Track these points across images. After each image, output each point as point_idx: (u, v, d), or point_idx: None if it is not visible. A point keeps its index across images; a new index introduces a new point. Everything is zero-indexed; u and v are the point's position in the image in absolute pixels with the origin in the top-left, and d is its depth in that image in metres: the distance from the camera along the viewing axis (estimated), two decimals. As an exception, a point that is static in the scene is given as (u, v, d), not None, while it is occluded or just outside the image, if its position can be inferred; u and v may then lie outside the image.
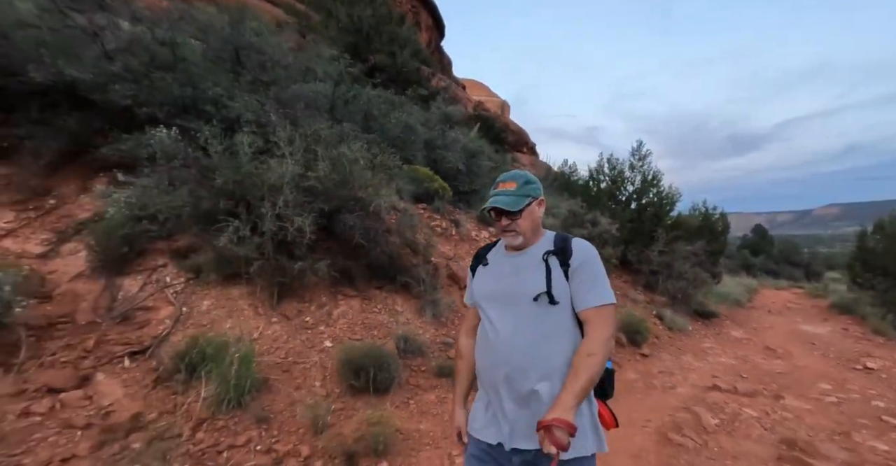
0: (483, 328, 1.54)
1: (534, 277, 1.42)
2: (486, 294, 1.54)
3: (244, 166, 3.58)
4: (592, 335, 1.34)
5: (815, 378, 5.51)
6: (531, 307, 1.40)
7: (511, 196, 1.46)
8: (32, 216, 3.92)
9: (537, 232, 1.54)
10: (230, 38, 5.39)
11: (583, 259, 1.42)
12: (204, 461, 2.31)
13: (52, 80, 3.79)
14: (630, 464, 2.95)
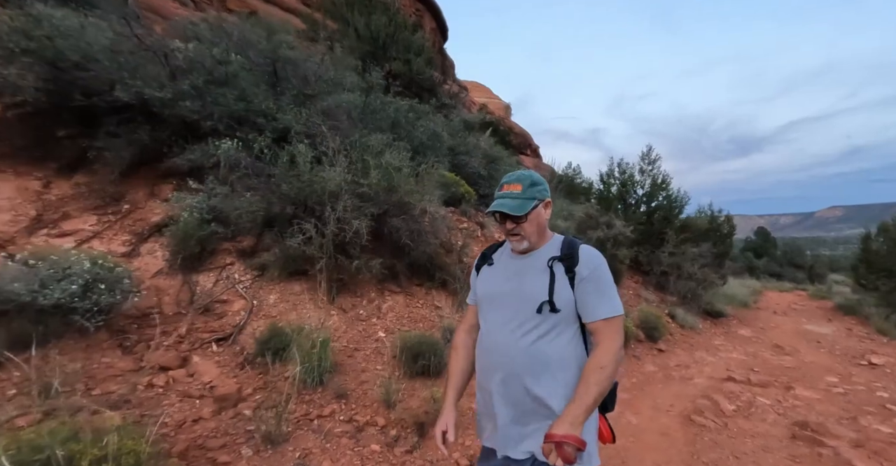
0: (483, 331, 1.55)
1: (537, 283, 1.41)
2: (488, 295, 1.54)
3: (306, 174, 3.98)
4: (603, 347, 1.33)
5: (822, 372, 5.87)
6: (532, 312, 1.40)
7: (517, 199, 1.43)
8: (112, 219, 4.33)
9: (543, 234, 1.51)
10: (268, 52, 5.79)
11: (591, 268, 1.40)
12: (301, 426, 2.71)
13: (133, 99, 4.19)
14: (660, 440, 3.33)
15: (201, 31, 5.31)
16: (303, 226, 3.77)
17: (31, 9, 4.30)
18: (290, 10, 22.35)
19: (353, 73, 7.19)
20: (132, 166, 4.71)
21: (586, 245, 1.47)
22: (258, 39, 5.94)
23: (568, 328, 1.40)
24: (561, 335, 1.39)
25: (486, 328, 1.51)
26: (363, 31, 11.58)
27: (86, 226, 4.19)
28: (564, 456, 1.19)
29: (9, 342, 2.61)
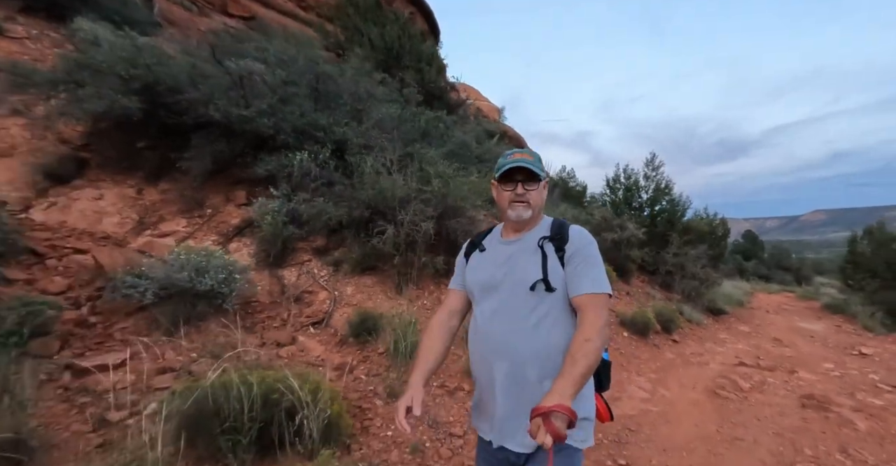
0: (476, 319, 1.51)
1: (529, 264, 1.41)
2: (480, 283, 1.51)
3: (379, 183, 4.59)
4: (588, 321, 1.30)
5: (819, 360, 6.59)
6: (527, 295, 1.38)
7: (532, 164, 1.43)
8: (199, 222, 4.89)
9: (540, 214, 1.53)
10: (310, 69, 6.32)
11: (578, 246, 1.40)
12: (403, 387, 3.33)
13: (222, 118, 4.77)
14: (692, 407, 3.98)
15: (270, 58, 5.84)
16: (383, 227, 4.37)
17: (135, 40, 4.86)
18: (287, 13, 22.94)
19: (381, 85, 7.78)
20: (208, 174, 5.27)
21: (576, 225, 1.48)
22: (309, 60, 6.52)
23: (565, 312, 1.39)
24: (560, 320, 1.38)
25: (482, 316, 1.47)
26: (378, 42, 12.18)
27: (179, 228, 4.76)
28: (553, 430, 1.05)
29: (173, 318, 3.18)
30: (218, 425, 2.17)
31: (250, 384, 2.31)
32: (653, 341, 6.12)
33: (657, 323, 6.36)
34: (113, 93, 4.54)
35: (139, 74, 4.64)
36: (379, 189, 4.56)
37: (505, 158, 1.48)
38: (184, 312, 3.27)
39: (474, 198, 5.09)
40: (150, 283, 3.20)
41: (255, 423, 2.22)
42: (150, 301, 3.18)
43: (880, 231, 13.19)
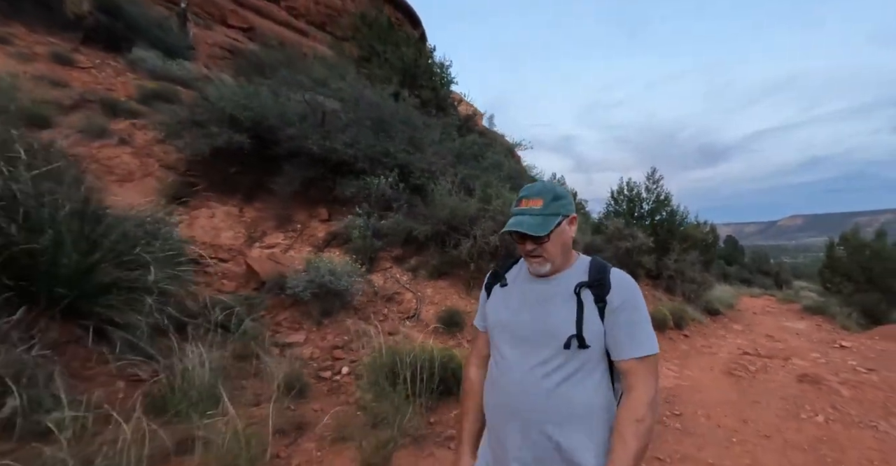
0: (494, 364, 1.41)
1: (563, 314, 1.28)
2: (503, 324, 1.39)
3: (451, 203, 5.61)
4: (638, 395, 1.21)
5: (807, 351, 7.78)
6: (557, 349, 1.26)
7: (537, 216, 1.29)
8: (294, 235, 5.84)
9: (568, 255, 1.38)
10: (374, 104, 7.34)
11: (624, 297, 1.27)
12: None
13: (319, 150, 5.75)
14: (714, 383, 5.08)
15: (344, 94, 6.82)
16: (457, 239, 5.39)
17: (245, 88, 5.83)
18: (281, 22, 23.94)
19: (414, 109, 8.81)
20: (294, 195, 6.24)
21: (617, 269, 1.35)
22: (373, 96, 7.52)
23: (596, 368, 1.28)
24: (588, 376, 1.27)
25: (502, 364, 1.36)
26: (396, 62, 13.22)
27: (280, 241, 5.71)
28: None
29: (321, 311, 4.16)
30: (401, 379, 3.16)
31: (415, 352, 3.30)
32: (668, 335, 7.24)
33: (671, 321, 7.49)
34: (230, 131, 5.49)
35: (250, 116, 5.60)
36: (452, 208, 5.58)
37: (515, 204, 1.37)
38: (326, 307, 4.24)
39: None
40: (306, 284, 4.16)
41: (433, 377, 3.22)
42: (306, 297, 4.15)
43: (854, 237, 14.67)
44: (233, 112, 5.69)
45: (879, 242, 14.37)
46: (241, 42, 17.64)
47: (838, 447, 3.47)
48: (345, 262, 5.22)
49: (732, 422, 3.90)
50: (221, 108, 5.87)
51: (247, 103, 5.89)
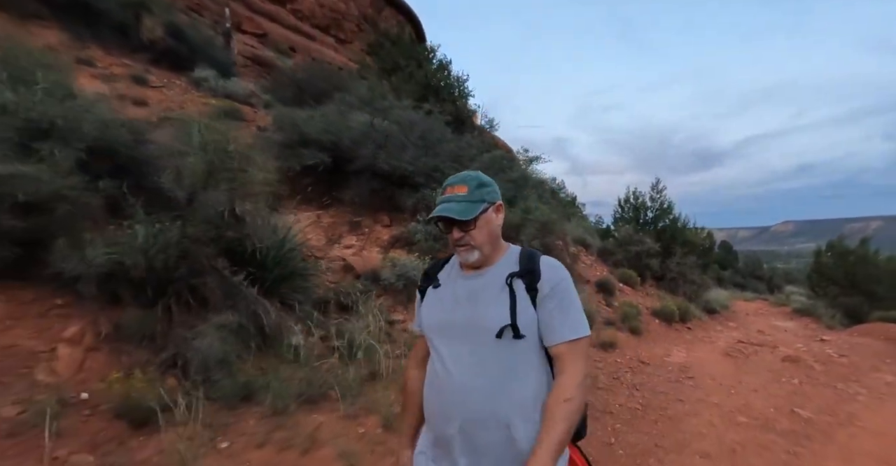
0: (433, 367, 1.40)
1: (495, 306, 1.28)
2: (437, 325, 1.39)
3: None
4: (567, 376, 1.24)
5: (792, 342, 9.18)
6: (493, 343, 1.26)
7: (462, 202, 1.29)
8: (364, 238, 7.11)
9: (497, 245, 1.38)
10: (427, 125, 8.60)
11: (554, 282, 1.29)
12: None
13: (388, 167, 7.03)
14: (717, 361, 6.45)
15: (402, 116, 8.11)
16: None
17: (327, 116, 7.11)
18: (290, 27, 25.31)
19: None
20: (361, 204, 7.51)
21: (547, 256, 1.36)
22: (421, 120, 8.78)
23: (536, 359, 1.31)
24: (528, 368, 1.29)
25: (439, 365, 1.35)
26: (420, 78, 14.53)
27: (353, 242, 6.98)
28: None
29: (408, 297, 5.44)
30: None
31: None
32: (674, 327, 8.60)
33: (678, 315, 8.85)
34: (317, 153, 6.76)
35: (330, 139, 6.88)
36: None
37: (440, 193, 1.37)
38: (411, 293, 5.52)
39: (562, 224, 7.47)
40: (396, 276, 5.44)
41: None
42: (399, 286, 5.43)
43: (840, 245, 16.20)
44: (318, 136, 6.95)
45: (862, 249, 15.89)
46: (258, 48, 18.86)
47: (806, 397, 4.85)
48: (413, 260, 6.50)
49: (730, 382, 5.27)
50: (305, 131, 7.12)
51: (327, 128, 7.15)
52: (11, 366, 2.50)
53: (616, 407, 4.21)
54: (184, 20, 11.36)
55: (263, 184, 3.75)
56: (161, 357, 3.02)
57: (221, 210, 3.59)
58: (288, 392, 3.14)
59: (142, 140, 3.76)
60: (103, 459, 2.25)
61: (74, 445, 2.27)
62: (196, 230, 3.44)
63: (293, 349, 3.71)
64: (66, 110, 3.33)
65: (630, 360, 5.78)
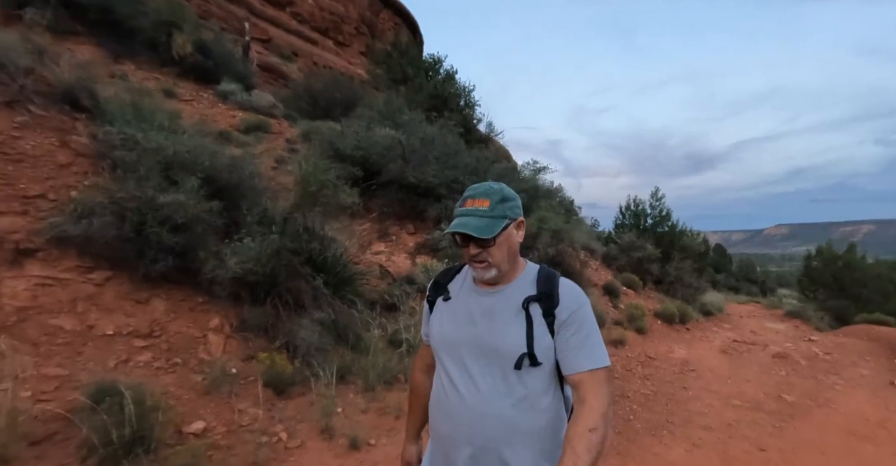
0: (441, 386, 1.37)
1: (511, 330, 1.25)
2: (447, 342, 1.36)
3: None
4: (589, 406, 1.18)
5: (782, 342, 10.11)
6: (507, 369, 1.24)
7: (483, 217, 1.24)
8: (391, 245, 7.93)
9: (515, 262, 1.35)
10: (447, 142, 9.44)
11: (573, 309, 1.26)
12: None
13: (415, 179, 7.85)
14: (715, 357, 7.34)
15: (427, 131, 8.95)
16: (525, 251, 7.55)
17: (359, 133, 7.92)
18: (292, 31, 26.10)
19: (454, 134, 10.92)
20: (387, 213, 8.33)
21: (566, 279, 1.34)
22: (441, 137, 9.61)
23: (550, 385, 1.29)
24: (543, 395, 1.27)
25: (448, 386, 1.33)
26: (430, 89, 15.35)
27: (382, 249, 7.80)
28: None
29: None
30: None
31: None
32: (675, 328, 9.49)
33: (678, 317, 9.75)
34: (350, 166, 7.58)
35: (361, 154, 7.70)
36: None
37: (459, 205, 1.32)
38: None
39: (572, 232, 8.34)
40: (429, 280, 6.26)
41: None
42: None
43: (828, 250, 17.25)
44: (352, 152, 7.77)
45: (849, 255, 16.95)
46: (264, 54, 19.59)
47: (791, 386, 5.76)
48: (442, 265, 7.30)
49: (727, 374, 6.17)
50: (337, 147, 7.94)
51: (358, 144, 7.97)
52: (183, 347, 3.34)
53: (631, 393, 5.07)
54: (208, 35, 12.09)
55: (346, 207, 4.54)
56: (275, 344, 3.83)
57: (309, 226, 4.40)
58: (372, 375, 3.96)
59: (238, 168, 4.55)
60: (267, 413, 3.09)
61: (246, 403, 3.13)
62: (290, 243, 4.25)
63: (361, 341, 4.53)
64: (187, 145, 4.13)
65: (639, 355, 6.65)
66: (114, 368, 2.91)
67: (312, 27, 27.08)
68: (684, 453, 3.74)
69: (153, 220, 3.55)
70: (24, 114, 3.93)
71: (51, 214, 3.41)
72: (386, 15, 34.24)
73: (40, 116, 4.03)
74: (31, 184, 3.51)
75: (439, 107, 14.87)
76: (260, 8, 22.96)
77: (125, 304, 3.35)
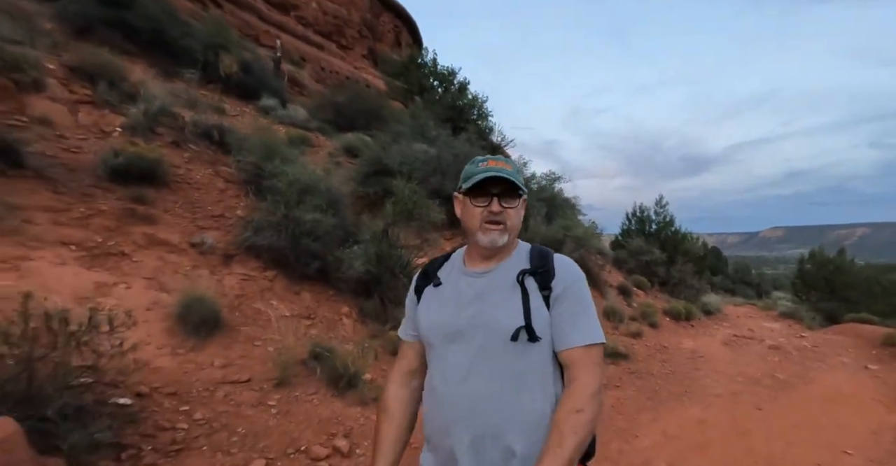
0: (434, 376, 1.33)
1: (506, 306, 1.23)
2: (441, 329, 1.31)
3: (542, 230, 9.06)
4: (579, 385, 1.16)
5: (776, 338, 11.55)
6: (504, 347, 1.21)
7: (511, 175, 1.23)
8: (433, 250, 9.21)
9: (516, 239, 1.35)
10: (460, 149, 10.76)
11: (568, 282, 1.25)
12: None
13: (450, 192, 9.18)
14: (718, 348, 8.72)
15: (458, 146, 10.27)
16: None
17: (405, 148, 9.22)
18: (299, 36, 27.42)
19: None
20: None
21: (560, 254, 1.34)
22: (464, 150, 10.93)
23: (549, 365, 1.24)
24: (544, 377, 1.23)
25: (443, 374, 1.29)
26: (446, 101, 16.63)
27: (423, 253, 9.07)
28: None
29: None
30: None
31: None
32: (681, 324, 10.88)
33: (684, 314, 11.15)
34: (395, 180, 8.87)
35: (406, 168, 9.01)
36: (541, 234, 9.06)
37: (475, 165, 1.30)
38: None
39: (591, 239, 9.69)
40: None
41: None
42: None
43: (821, 255, 18.79)
44: (398, 168, 9.05)
45: (840, 259, 18.49)
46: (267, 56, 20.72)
47: (783, 368, 7.17)
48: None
49: (729, 359, 7.57)
50: (385, 162, 9.22)
51: (403, 159, 9.26)
52: (331, 327, 4.60)
53: (655, 371, 6.42)
54: (246, 53, 13.31)
55: (433, 222, 5.84)
56: (386, 326, 5.11)
57: (397, 237, 5.71)
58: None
59: (334, 186, 5.83)
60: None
61: (386, 365, 4.38)
62: (387, 250, 5.54)
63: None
64: (308, 173, 5.41)
65: (655, 345, 8.00)
66: (304, 337, 4.18)
67: (316, 31, 28.17)
68: (700, 410, 5.09)
69: (300, 233, 4.83)
70: (188, 151, 5.18)
71: (233, 229, 4.68)
72: (386, 17, 35.33)
73: (197, 152, 5.28)
74: (212, 206, 4.77)
75: (455, 118, 16.16)
76: (267, 13, 24.06)
77: (287, 295, 4.60)
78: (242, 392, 3.22)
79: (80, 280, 3.28)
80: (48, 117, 4.47)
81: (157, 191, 4.58)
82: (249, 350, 3.70)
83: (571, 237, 9.19)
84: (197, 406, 2.89)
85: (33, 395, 2.02)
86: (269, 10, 23.93)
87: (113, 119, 5.01)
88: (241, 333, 3.80)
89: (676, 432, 4.50)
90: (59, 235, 3.55)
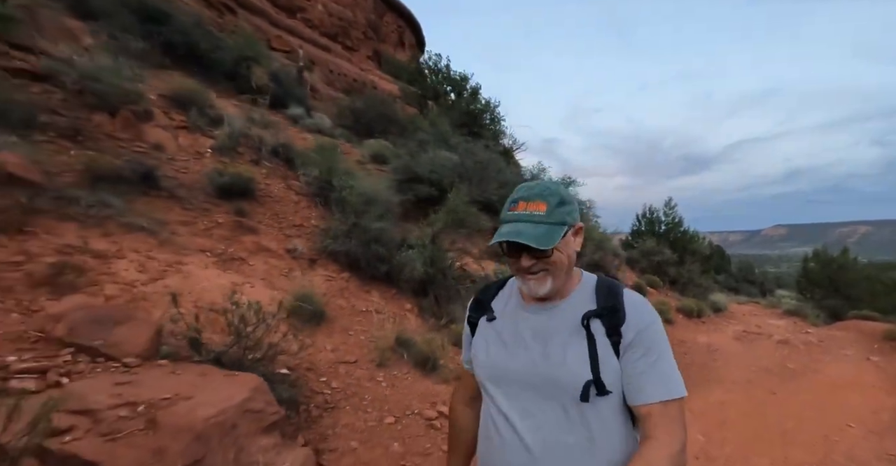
0: (490, 420, 1.26)
1: (571, 353, 1.13)
2: (495, 371, 1.24)
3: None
4: (659, 445, 1.06)
5: (783, 333, 12.32)
6: (571, 402, 1.12)
7: (541, 224, 1.12)
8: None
9: (571, 274, 1.24)
10: (480, 156, 11.53)
11: (641, 327, 1.15)
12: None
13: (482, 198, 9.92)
14: (730, 342, 9.50)
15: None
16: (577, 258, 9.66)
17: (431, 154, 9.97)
18: (306, 39, 28.17)
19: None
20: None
21: (630, 291, 1.24)
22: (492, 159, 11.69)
23: (620, 421, 1.16)
24: (613, 434, 1.15)
25: (499, 421, 1.22)
26: (461, 107, 17.36)
27: (460, 256, 9.82)
28: None
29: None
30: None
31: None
32: (693, 321, 11.66)
33: (696, 311, 11.92)
34: (427, 187, 9.62)
35: (436, 176, 9.77)
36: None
37: (507, 206, 1.19)
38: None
39: (607, 242, 10.46)
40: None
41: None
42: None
43: (824, 253, 19.59)
44: (429, 175, 9.80)
45: (843, 257, 19.28)
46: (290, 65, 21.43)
47: (792, 359, 7.96)
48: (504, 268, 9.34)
49: (742, 352, 8.36)
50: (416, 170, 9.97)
51: (434, 168, 10.02)
52: (398, 322, 5.36)
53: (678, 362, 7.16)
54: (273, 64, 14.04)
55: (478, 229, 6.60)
56: (442, 321, 5.86)
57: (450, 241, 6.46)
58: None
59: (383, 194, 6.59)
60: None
61: (454, 351, 5.12)
62: (438, 253, 6.29)
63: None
64: (366, 186, 6.16)
65: (673, 340, 8.64)
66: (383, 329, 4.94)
67: (322, 33, 28.81)
68: (722, 394, 5.88)
69: (368, 239, 5.58)
70: (264, 168, 5.93)
71: (312, 236, 5.44)
72: (390, 18, 35.96)
73: (271, 168, 6.03)
74: (292, 216, 5.52)
75: (470, 123, 16.90)
76: (276, 16, 24.73)
77: (360, 293, 5.36)
78: (356, 370, 3.99)
79: (221, 280, 4.02)
80: (160, 143, 5.23)
81: (250, 204, 5.34)
82: (346, 338, 4.47)
83: (592, 240, 9.94)
84: (330, 378, 3.69)
85: (244, 362, 2.79)
86: (277, 13, 24.60)
87: (204, 141, 5.77)
88: (336, 324, 4.55)
89: (702, 411, 5.28)
90: (197, 244, 4.31)
